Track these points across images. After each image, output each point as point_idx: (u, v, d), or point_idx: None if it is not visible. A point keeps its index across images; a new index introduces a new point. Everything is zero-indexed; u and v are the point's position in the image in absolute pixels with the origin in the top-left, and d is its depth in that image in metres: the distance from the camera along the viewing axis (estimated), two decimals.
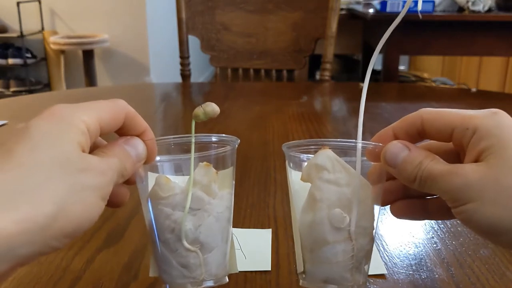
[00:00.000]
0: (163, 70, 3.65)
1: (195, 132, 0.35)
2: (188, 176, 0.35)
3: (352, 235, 0.34)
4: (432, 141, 0.35)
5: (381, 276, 0.45)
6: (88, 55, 3.34)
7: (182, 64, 1.51)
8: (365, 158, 0.35)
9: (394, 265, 0.47)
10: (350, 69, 3.14)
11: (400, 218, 0.38)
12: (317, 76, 2.81)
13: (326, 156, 0.34)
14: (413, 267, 0.47)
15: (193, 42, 1.51)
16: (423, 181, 0.32)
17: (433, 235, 0.53)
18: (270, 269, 0.46)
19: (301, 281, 0.36)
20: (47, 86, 3.61)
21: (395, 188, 0.37)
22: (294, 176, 0.36)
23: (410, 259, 0.48)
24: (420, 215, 0.38)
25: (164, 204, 0.34)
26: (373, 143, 0.35)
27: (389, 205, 0.38)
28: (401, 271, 0.46)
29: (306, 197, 0.35)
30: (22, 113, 1.06)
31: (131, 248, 0.50)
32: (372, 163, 0.35)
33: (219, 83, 1.59)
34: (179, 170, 0.36)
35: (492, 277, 0.45)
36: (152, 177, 0.36)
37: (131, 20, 3.41)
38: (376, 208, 0.36)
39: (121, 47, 3.47)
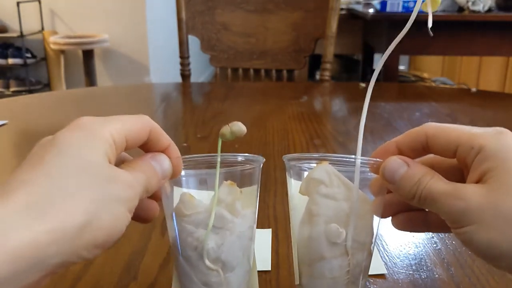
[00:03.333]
0: (163, 70, 3.65)
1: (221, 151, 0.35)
2: (212, 193, 0.35)
3: (349, 250, 0.34)
4: (436, 155, 0.35)
5: (381, 276, 0.45)
6: (88, 55, 3.34)
7: (182, 64, 1.51)
8: (367, 171, 0.35)
9: (394, 265, 0.47)
10: (350, 69, 3.14)
11: (401, 230, 0.38)
12: (317, 76, 2.81)
13: (324, 170, 0.34)
14: (413, 267, 0.47)
15: (193, 42, 1.51)
16: (422, 200, 0.32)
17: (433, 235, 0.53)
18: (270, 269, 0.46)
19: None
20: (47, 86, 3.61)
21: (396, 200, 0.37)
22: (293, 187, 0.36)
23: (410, 259, 0.48)
24: (422, 227, 0.38)
25: (187, 221, 0.34)
26: (374, 159, 0.35)
27: (390, 217, 0.38)
28: (401, 271, 0.46)
29: (304, 210, 0.35)
30: (22, 113, 1.06)
31: (130, 249, 0.50)
32: (374, 175, 0.35)
33: (219, 83, 1.59)
34: (203, 184, 0.36)
35: (492, 277, 0.45)
36: (177, 191, 0.36)
37: (131, 20, 3.41)
38: (376, 220, 0.36)
39: (121, 47, 3.47)
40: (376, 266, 0.47)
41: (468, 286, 0.44)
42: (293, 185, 0.36)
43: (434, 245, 0.51)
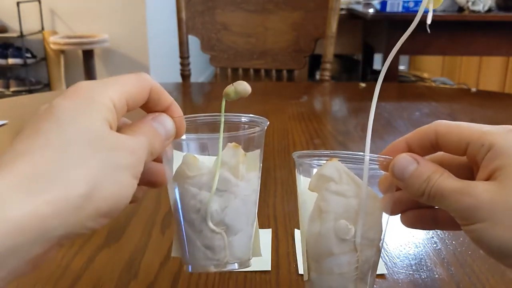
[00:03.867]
0: (163, 70, 3.65)
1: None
2: (215, 156, 0.34)
3: (358, 247, 0.34)
4: (445, 153, 0.35)
5: (381, 276, 0.45)
6: (88, 55, 3.34)
7: (182, 64, 1.51)
8: (377, 168, 0.35)
9: (394, 265, 0.47)
10: (350, 69, 3.13)
11: (410, 227, 0.38)
12: (317, 76, 2.81)
13: (334, 167, 0.34)
14: (413, 267, 0.47)
15: (193, 42, 1.51)
16: (431, 197, 0.31)
17: (433, 235, 0.53)
18: (270, 269, 0.46)
19: None
20: (47, 86, 3.61)
21: (405, 197, 0.37)
22: (302, 184, 0.36)
23: (410, 259, 0.48)
24: (431, 225, 0.38)
25: (190, 183, 0.34)
26: (383, 156, 0.35)
27: (399, 215, 0.38)
28: (401, 271, 0.46)
29: (313, 207, 0.35)
30: (22, 113, 1.06)
31: (131, 247, 0.50)
32: (383, 172, 0.35)
33: (219, 83, 1.59)
34: (205, 149, 0.35)
35: (492, 276, 0.45)
36: (177, 156, 0.35)
37: (131, 20, 3.41)
38: (385, 217, 0.36)
39: (121, 47, 3.47)
40: None
41: (468, 286, 0.44)
42: (302, 182, 0.36)
43: (434, 245, 0.51)
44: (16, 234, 0.23)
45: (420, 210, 0.37)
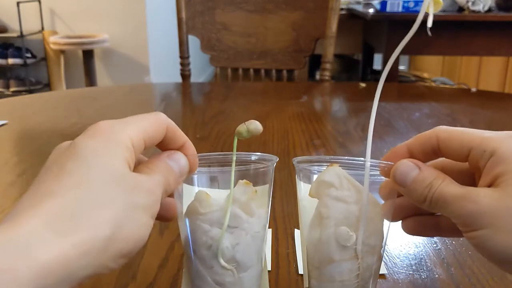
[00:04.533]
0: (163, 70, 3.65)
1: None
2: (226, 192, 0.34)
3: (359, 254, 0.34)
4: (447, 159, 0.35)
5: (381, 276, 0.45)
6: (88, 55, 3.34)
7: (182, 64, 1.51)
8: (378, 174, 0.35)
9: (394, 265, 0.47)
10: (350, 69, 3.13)
11: (411, 234, 0.38)
12: (317, 76, 2.81)
13: (335, 173, 0.34)
14: (413, 267, 0.47)
15: (193, 42, 1.51)
16: (433, 203, 0.31)
17: None
18: (270, 269, 0.46)
19: None
20: (47, 86, 3.61)
21: (407, 204, 0.37)
22: (303, 190, 0.36)
23: (410, 259, 0.48)
24: (432, 232, 0.37)
25: (202, 220, 0.34)
26: (384, 162, 0.34)
27: (400, 221, 0.38)
28: (401, 271, 0.46)
29: (313, 213, 0.35)
30: (22, 113, 1.06)
31: None
32: (384, 178, 0.35)
33: (219, 83, 1.59)
34: (215, 182, 0.36)
35: (492, 278, 0.45)
36: (187, 190, 0.36)
37: (131, 20, 3.41)
38: (386, 224, 0.35)
39: (121, 47, 3.47)
40: None
41: (468, 286, 0.44)
42: (303, 188, 0.36)
43: (434, 245, 0.51)
44: (43, 276, 0.23)
45: (421, 217, 0.37)
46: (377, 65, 2.93)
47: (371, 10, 2.06)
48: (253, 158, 0.36)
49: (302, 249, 0.37)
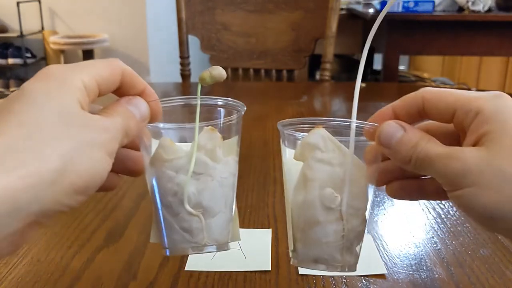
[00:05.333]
0: (163, 70, 3.65)
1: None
2: (193, 142, 0.34)
3: (344, 215, 0.34)
4: (431, 121, 0.35)
5: (381, 276, 0.45)
6: (88, 55, 3.34)
7: (182, 64, 1.51)
8: (363, 138, 0.34)
9: (394, 265, 0.47)
10: (350, 69, 3.13)
11: (396, 198, 0.38)
12: (317, 76, 2.81)
13: (319, 135, 0.34)
14: (413, 267, 0.47)
15: (193, 42, 1.51)
16: (418, 163, 0.31)
17: (433, 235, 0.53)
18: (270, 269, 0.46)
19: (292, 259, 0.36)
20: None
21: (391, 168, 0.37)
22: (288, 155, 0.36)
23: (410, 259, 0.48)
24: (417, 195, 0.37)
25: (167, 166, 0.34)
26: (369, 123, 0.34)
27: (384, 186, 0.38)
28: (401, 271, 0.46)
29: (298, 176, 0.35)
30: None
31: (130, 247, 0.50)
32: (369, 142, 0.35)
33: (219, 83, 1.58)
34: (184, 139, 0.36)
35: (491, 276, 0.45)
36: (155, 144, 0.35)
37: (131, 20, 3.40)
38: (371, 188, 0.36)
39: (121, 47, 3.47)
40: (376, 266, 0.47)
41: (467, 286, 0.44)
42: (288, 153, 0.36)
43: (434, 245, 0.51)
44: None
45: (406, 180, 0.37)
46: (377, 65, 2.93)
47: (371, 10, 2.06)
48: (219, 102, 0.36)
49: (287, 213, 0.36)
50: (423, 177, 0.37)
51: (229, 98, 0.36)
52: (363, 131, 0.34)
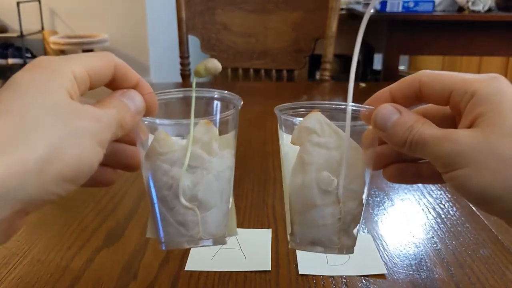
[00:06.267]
0: (163, 70, 3.65)
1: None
2: (188, 136, 0.34)
3: (340, 198, 0.34)
4: (428, 105, 0.35)
5: (381, 276, 0.45)
6: None
7: (182, 64, 1.51)
8: (360, 122, 0.35)
9: (394, 265, 0.47)
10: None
11: (392, 182, 0.38)
12: (317, 76, 2.81)
13: (316, 119, 0.34)
14: (413, 267, 0.47)
15: (193, 42, 1.51)
16: (413, 146, 0.31)
17: (433, 235, 0.53)
18: (270, 269, 0.46)
19: (290, 242, 0.36)
20: None
21: (388, 152, 0.37)
22: (285, 139, 0.36)
23: (410, 259, 0.48)
24: (413, 179, 0.37)
25: (162, 160, 0.34)
26: (366, 106, 0.34)
27: (381, 170, 0.38)
28: (401, 271, 0.46)
29: (295, 159, 0.35)
30: None
31: (130, 247, 0.50)
32: (366, 126, 0.35)
33: (219, 83, 1.59)
34: (180, 134, 0.35)
35: (492, 276, 0.45)
36: (151, 138, 0.35)
37: (131, 20, 3.41)
38: (368, 172, 0.36)
39: (121, 47, 3.47)
40: (376, 266, 0.47)
41: (468, 286, 0.44)
42: (285, 137, 0.36)
43: (434, 245, 0.51)
44: None
45: (402, 164, 0.37)
46: (377, 65, 2.93)
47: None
48: (215, 95, 0.36)
49: (285, 196, 0.37)
50: (420, 161, 0.37)
51: (225, 91, 0.36)
52: (359, 114, 0.34)
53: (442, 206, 0.60)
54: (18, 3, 3.23)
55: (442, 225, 0.55)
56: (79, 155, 0.27)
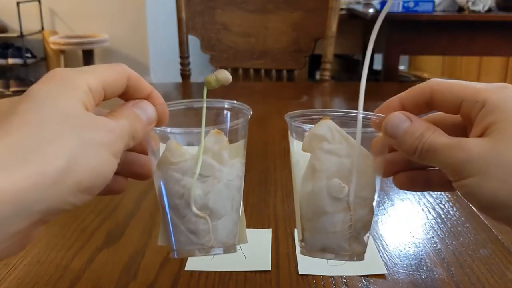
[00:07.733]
0: (163, 70, 3.65)
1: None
2: (199, 145, 0.34)
3: (351, 205, 0.34)
4: (438, 113, 0.35)
5: (381, 276, 0.45)
6: (88, 55, 3.34)
7: (182, 64, 1.51)
8: (371, 129, 0.35)
9: (394, 265, 0.47)
10: (350, 69, 3.13)
11: (402, 189, 0.38)
12: (317, 76, 2.81)
13: (327, 126, 0.34)
14: (413, 267, 0.47)
15: (193, 42, 1.51)
16: (423, 153, 0.31)
17: (433, 235, 0.53)
18: (270, 269, 0.46)
19: (299, 249, 0.37)
20: None
21: (398, 159, 0.37)
22: (296, 146, 0.36)
23: (410, 259, 0.48)
24: (423, 186, 0.38)
25: (174, 169, 0.34)
26: (376, 114, 0.35)
27: (391, 177, 0.38)
28: (401, 271, 0.46)
29: (306, 166, 0.35)
30: None
31: (130, 248, 0.50)
32: (376, 133, 0.35)
33: None
34: (191, 143, 0.36)
35: (492, 276, 0.45)
36: (162, 148, 0.36)
37: (131, 20, 3.41)
38: (378, 179, 0.36)
39: (121, 47, 3.47)
40: (376, 266, 0.47)
41: (468, 286, 0.44)
42: (296, 144, 0.36)
43: (434, 245, 0.51)
44: None
45: (412, 171, 0.37)
46: (377, 65, 2.93)
47: (371, 10, 2.06)
48: (226, 105, 0.36)
49: (295, 203, 0.37)
50: (429, 169, 0.37)
51: (235, 101, 0.36)
52: (370, 122, 0.35)
53: (442, 206, 0.60)
54: (18, 3, 3.23)
55: (442, 225, 0.55)
56: (95, 166, 0.27)
